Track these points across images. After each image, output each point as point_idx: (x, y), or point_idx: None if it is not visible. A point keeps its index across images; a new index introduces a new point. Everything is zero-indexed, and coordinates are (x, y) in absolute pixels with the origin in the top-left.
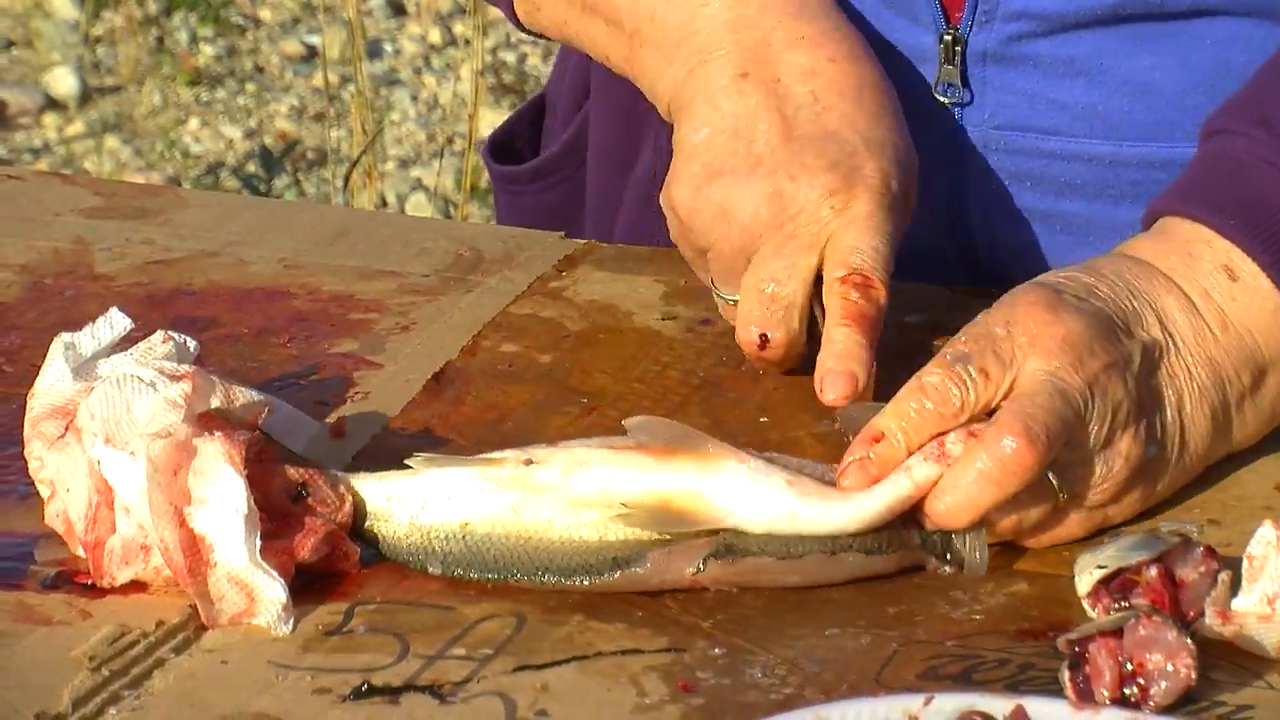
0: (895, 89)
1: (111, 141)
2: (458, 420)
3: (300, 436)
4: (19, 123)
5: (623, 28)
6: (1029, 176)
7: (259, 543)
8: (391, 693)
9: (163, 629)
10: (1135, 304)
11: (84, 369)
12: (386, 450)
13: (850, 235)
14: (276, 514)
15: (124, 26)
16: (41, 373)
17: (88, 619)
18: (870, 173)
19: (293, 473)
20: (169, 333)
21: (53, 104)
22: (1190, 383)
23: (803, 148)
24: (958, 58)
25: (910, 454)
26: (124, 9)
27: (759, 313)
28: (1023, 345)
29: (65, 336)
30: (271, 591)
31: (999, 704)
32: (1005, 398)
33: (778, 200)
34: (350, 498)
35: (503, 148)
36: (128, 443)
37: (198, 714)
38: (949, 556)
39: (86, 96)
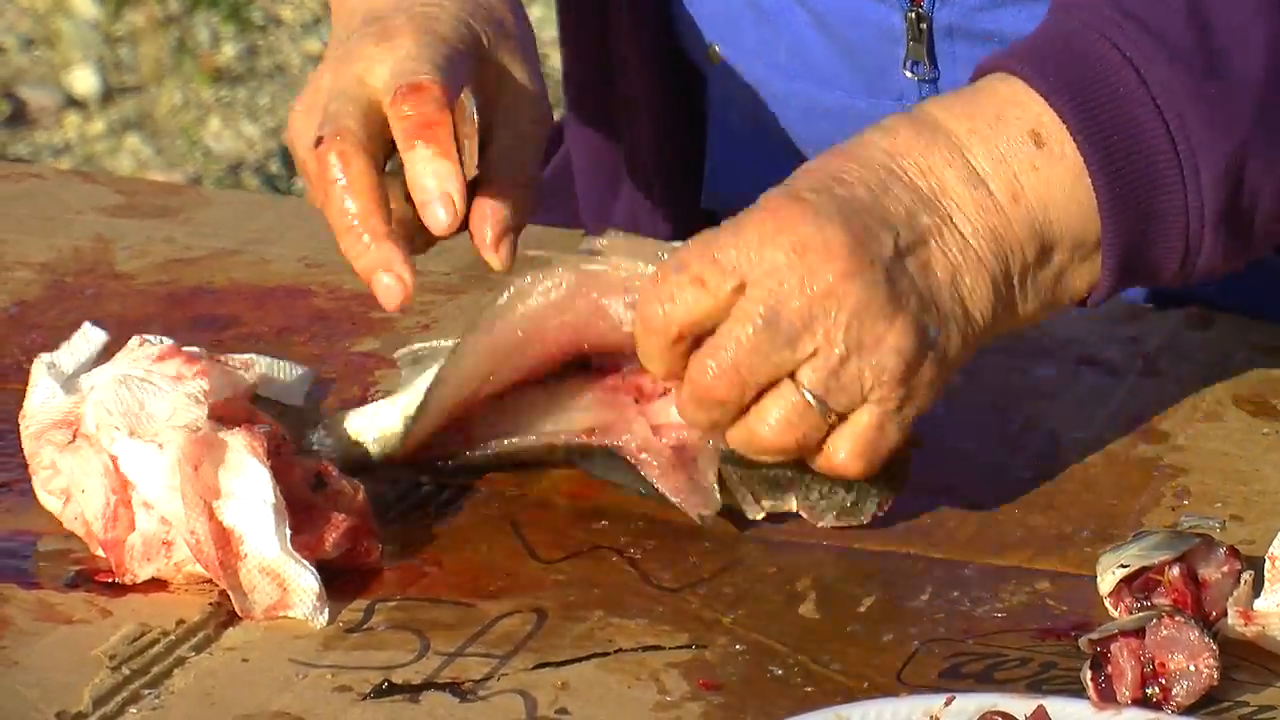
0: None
1: (132, 140)
2: None
3: (297, 390)
4: (40, 122)
5: None
6: None
7: (289, 532)
8: (412, 690)
9: (183, 627)
10: (893, 182)
11: (68, 385)
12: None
13: (390, 61)
14: (298, 506)
15: (145, 25)
16: (28, 395)
17: (108, 617)
18: (407, 25)
19: (308, 463)
20: (145, 337)
21: (74, 103)
22: (966, 252)
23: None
24: (924, 35)
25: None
26: (145, 8)
27: (302, 122)
28: (748, 255)
29: (45, 357)
30: (304, 580)
31: (1020, 704)
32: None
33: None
34: (362, 486)
35: None
36: (156, 434)
37: (218, 712)
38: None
39: (107, 95)
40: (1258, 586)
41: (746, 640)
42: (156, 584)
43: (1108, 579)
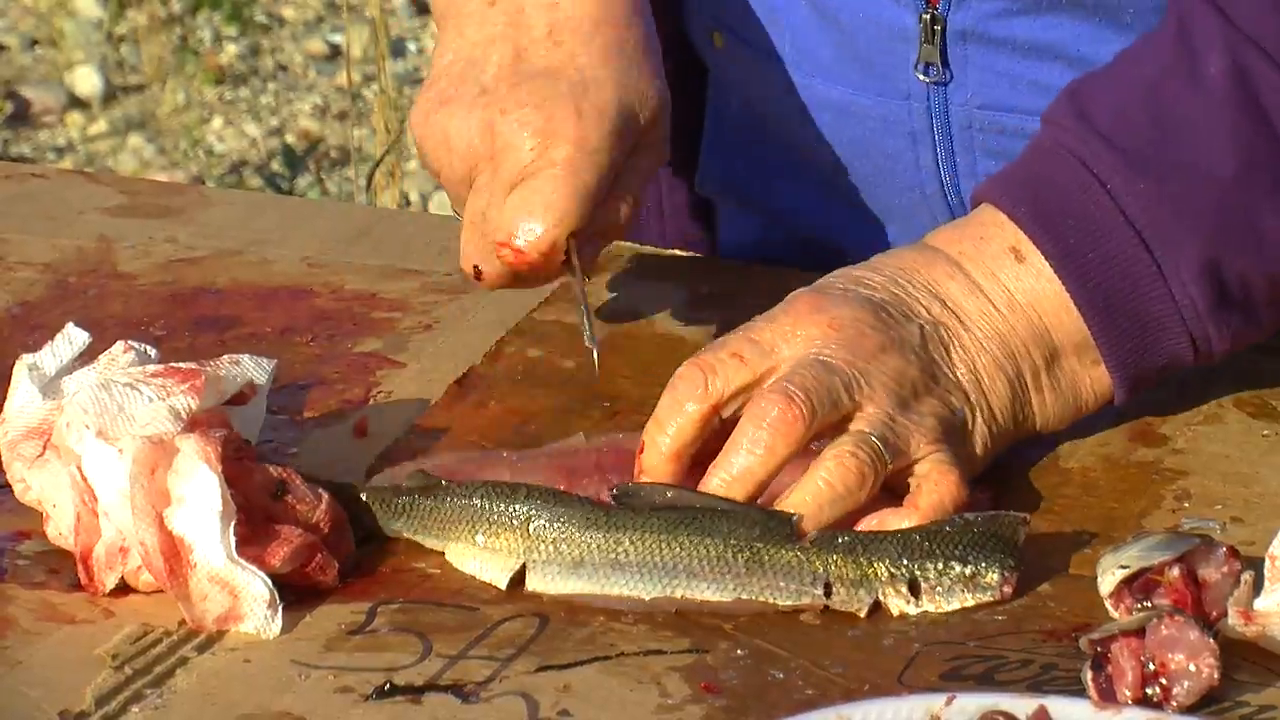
0: (653, 26)
1: (135, 140)
2: (480, 423)
3: (257, 413)
4: (43, 121)
5: None
6: (1014, 156)
7: (234, 540)
8: (414, 692)
9: (185, 628)
10: (910, 289)
11: (50, 388)
12: (410, 453)
13: (532, 185)
14: (256, 515)
15: (147, 25)
16: (9, 397)
17: (111, 618)
18: (580, 113)
19: (271, 471)
20: (129, 342)
21: (76, 102)
22: (982, 354)
23: (522, 82)
24: (937, 37)
25: (676, 454)
26: (148, 7)
27: (473, 245)
28: (784, 333)
29: (28, 358)
30: (254, 588)
31: (1021, 704)
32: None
33: (489, 132)
34: (326, 498)
35: None
36: (118, 439)
37: (220, 713)
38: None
39: (110, 95)
40: (1258, 587)
41: (748, 644)
42: (158, 585)
43: (1108, 580)
